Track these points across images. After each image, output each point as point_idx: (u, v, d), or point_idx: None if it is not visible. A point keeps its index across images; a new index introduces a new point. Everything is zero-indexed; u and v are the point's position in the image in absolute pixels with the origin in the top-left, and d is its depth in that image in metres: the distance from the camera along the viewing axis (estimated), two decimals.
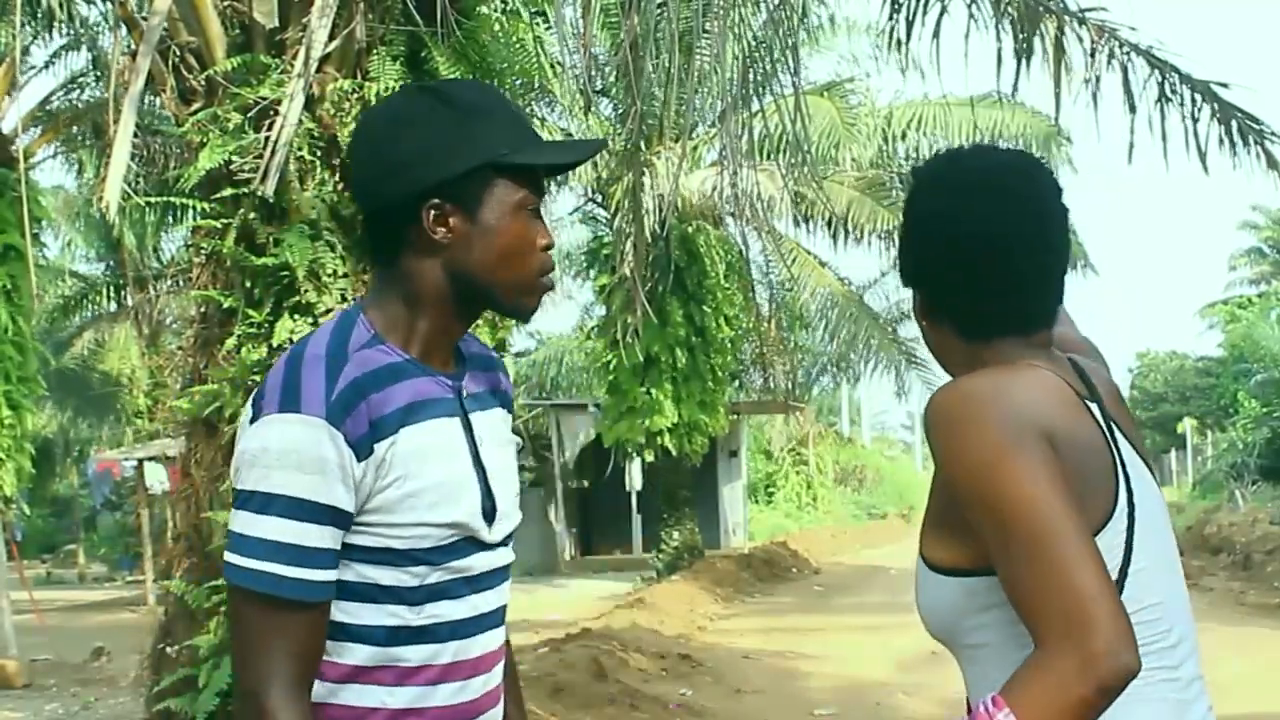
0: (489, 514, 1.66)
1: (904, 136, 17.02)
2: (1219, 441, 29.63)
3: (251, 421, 1.57)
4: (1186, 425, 34.24)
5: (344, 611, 1.58)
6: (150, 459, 18.44)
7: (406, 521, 1.58)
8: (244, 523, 1.53)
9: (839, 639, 11.17)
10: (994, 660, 1.50)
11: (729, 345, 17.05)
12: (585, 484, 22.28)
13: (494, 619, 1.70)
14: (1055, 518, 1.37)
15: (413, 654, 1.61)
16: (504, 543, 1.71)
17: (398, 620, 1.60)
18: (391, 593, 1.59)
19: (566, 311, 26.49)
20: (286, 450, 1.51)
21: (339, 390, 1.54)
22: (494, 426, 1.74)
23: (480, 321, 5.89)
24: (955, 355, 1.63)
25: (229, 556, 1.55)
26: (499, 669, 1.73)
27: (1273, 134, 6.53)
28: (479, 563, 1.66)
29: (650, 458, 16.72)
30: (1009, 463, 1.39)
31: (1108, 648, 1.31)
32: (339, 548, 1.56)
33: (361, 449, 1.54)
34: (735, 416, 20.40)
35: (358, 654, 1.59)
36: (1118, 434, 1.56)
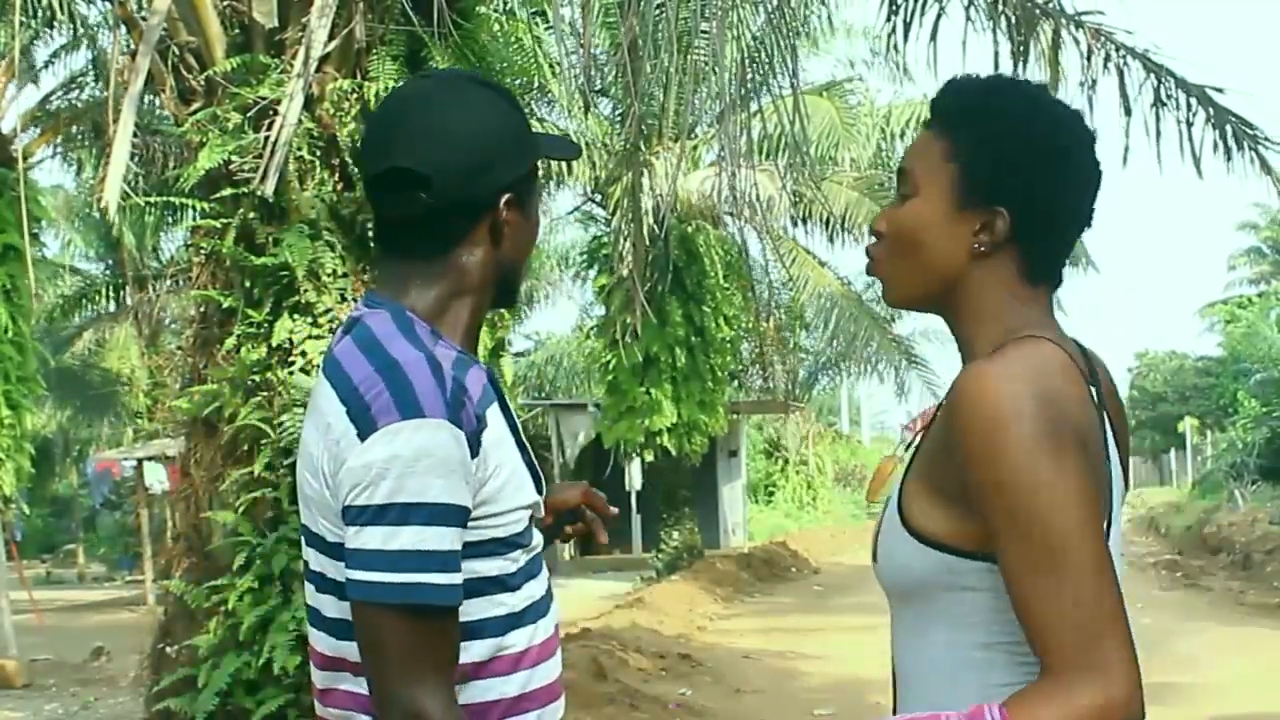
0: (539, 489, 1.69)
1: (903, 135, 17.02)
2: (1219, 441, 29.62)
3: (361, 437, 1.50)
4: (1186, 425, 34.25)
5: (460, 611, 1.58)
6: (150, 459, 18.43)
7: (508, 508, 1.59)
8: (383, 538, 1.48)
9: (839, 639, 11.17)
10: (951, 639, 1.47)
11: (728, 345, 17.06)
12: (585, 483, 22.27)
13: (552, 591, 1.73)
14: (1088, 542, 1.33)
15: (518, 639, 1.62)
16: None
17: (505, 609, 1.61)
18: (497, 582, 1.60)
19: (565, 312, 26.57)
20: (419, 456, 1.48)
21: (449, 390, 1.52)
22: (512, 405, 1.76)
23: None
24: (990, 296, 1.50)
25: (365, 575, 1.48)
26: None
27: (1266, 139, 6.54)
28: (539, 539, 1.69)
29: (650, 457, 16.72)
30: (1050, 478, 1.33)
31: (1126, 697, 1.29)
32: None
33: (474, 445, 1.54)
34: (735, 416, 20.41)
35: (474, 650, 1.58)
36: (1107, 427, 1.52)
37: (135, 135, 7.65)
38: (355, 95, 5.67)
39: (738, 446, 22.56)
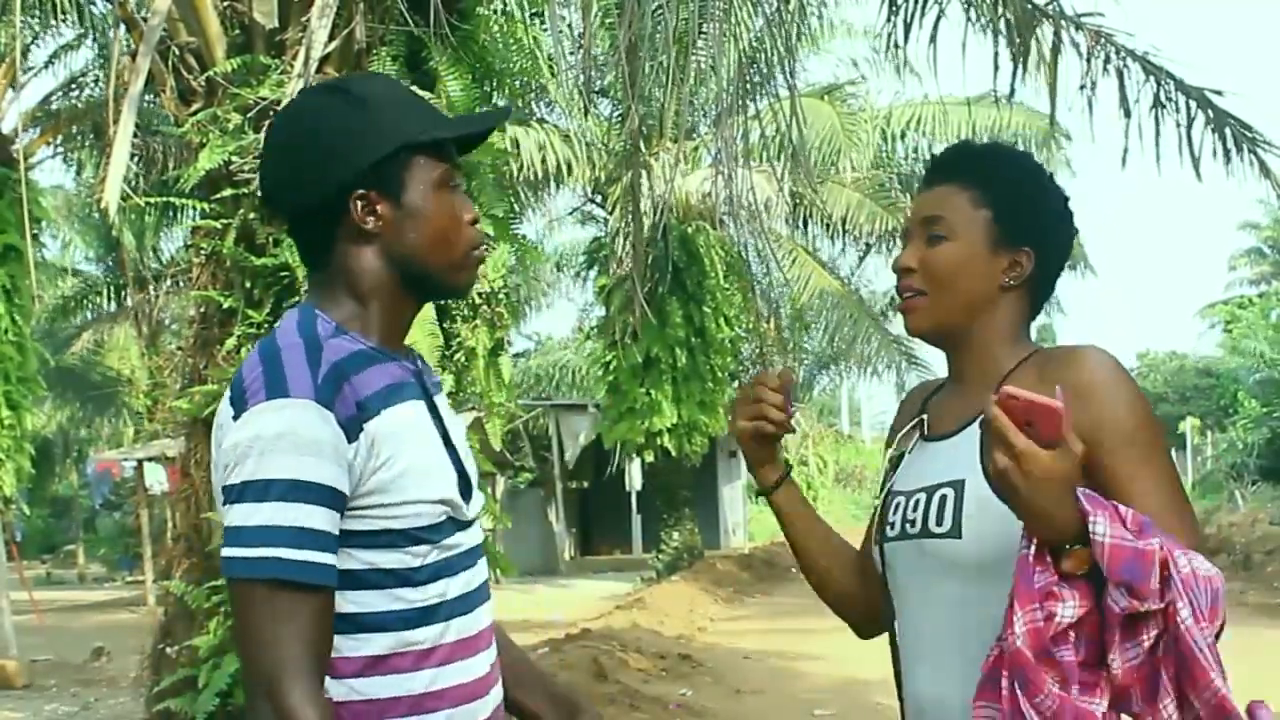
0: (465, 492, 1.68)
1: (903, 136, 17.04)
2: (1219, 442, 29.63)
3: (235, 419, 1.55)
4: (1187, 425, 34.22)
5: (352, 602, 1.57)
6: (150, 459, 18.44)
7: (402, 500, 1.58)
8: (242, 514, 1.50)
9: (839, 639, 11.10)
10: None
11: (729, 345, 17.06)
12: (585, 484, 22.29)
13: (483, 594, 1.72)
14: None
15: (423, 635, 1.61)
16: (475, 521, 1.73)
17: (405, 604, 1.60)
18: (396, 575, 1.59)
19: (565, 314, 26.50)
20: (280, 434, 1.50)
21: (323, 373, 1.54)
22: (448, 409, 1.76)
23: (479, 321, 5.91)
24: (1011, 323, 1.79)
25: (227, 551, 1.51)
26: (494, 646, 1.74)
27: (1266, 142, 6.53)
28: (462, 540, 1.68)
29: (650, 458, 16.73)
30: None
31: None
32: (337, 532, 1.54)
33: (351, 430, 1.54)
34: None
35: (372, 644, 1.58)
36: None
37: (135, 135, 7.65)
38: None
39: (738, 447, 22.57)
